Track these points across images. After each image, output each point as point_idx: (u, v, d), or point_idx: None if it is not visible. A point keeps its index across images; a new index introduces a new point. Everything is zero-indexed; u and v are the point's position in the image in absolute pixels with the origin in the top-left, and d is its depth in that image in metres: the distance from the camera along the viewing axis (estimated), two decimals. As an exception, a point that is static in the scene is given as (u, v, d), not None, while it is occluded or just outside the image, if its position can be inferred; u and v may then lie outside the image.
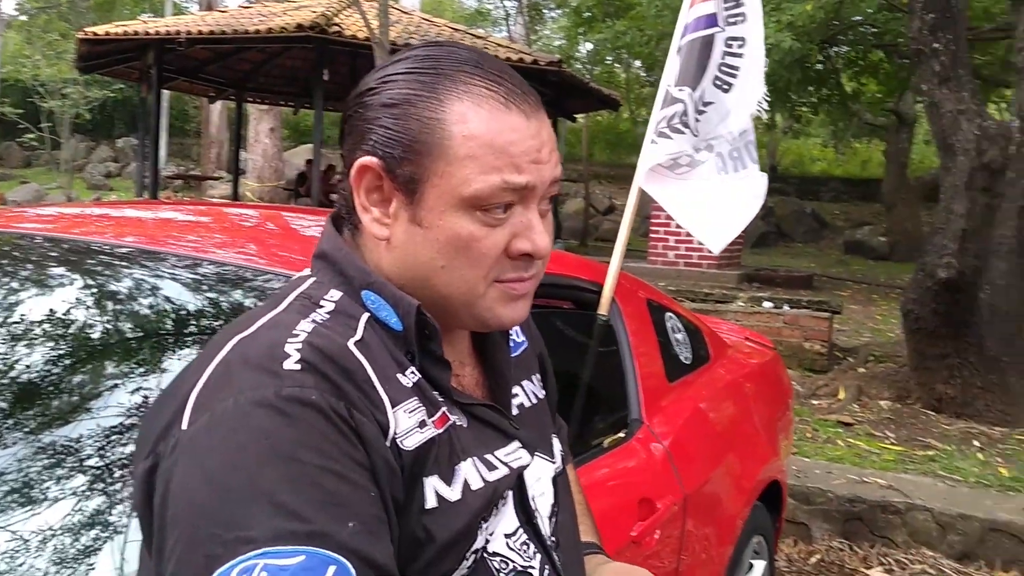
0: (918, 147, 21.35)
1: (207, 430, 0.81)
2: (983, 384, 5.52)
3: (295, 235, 2.38)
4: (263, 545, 0.75)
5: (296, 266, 1.88)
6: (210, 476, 0.78)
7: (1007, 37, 13.84)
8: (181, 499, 0.79)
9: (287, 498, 0.77)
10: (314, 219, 2.71)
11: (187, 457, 0.81)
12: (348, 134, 0.95)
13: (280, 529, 0.75)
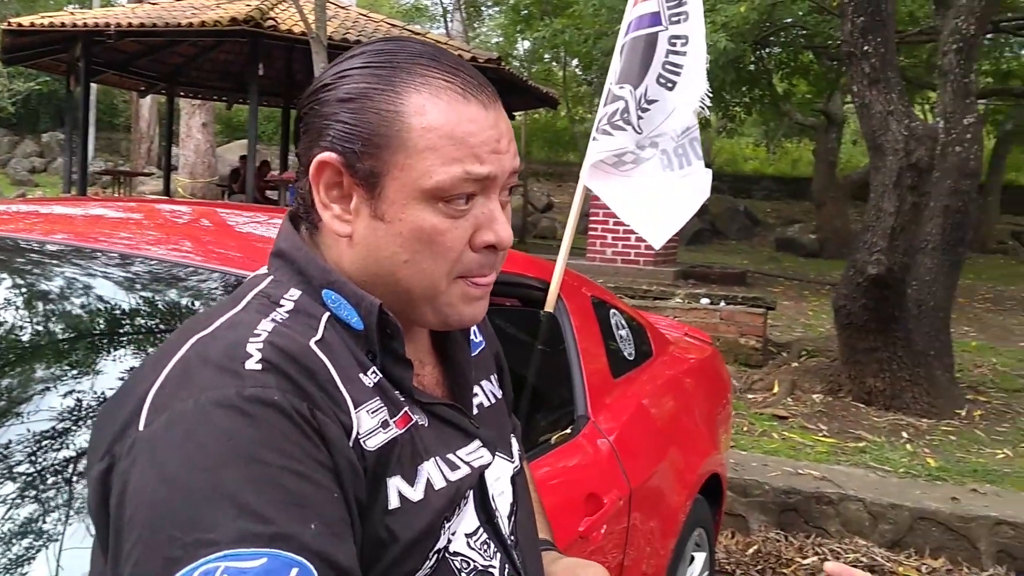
0: (846, 147, 21.93)
1: (166, 430, 0.79)
2: (911, 377, 5.69)
3: (231, 231, 2.33)
4: (225, 547, 0.73)
5: (234, 263, 1.85)
6: (170, 477, 0.76)
7: (931, 41, 14.31)
8: (139, 501, 0.77)
9: (250, 499, 0.75)
10: (250, 215, 2.66)
11: (145, 458, 0.79)
12: (304, 131, 0.93)
13: (242, 531, 0.74)
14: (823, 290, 11.99)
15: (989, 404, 6.11)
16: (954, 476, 4.52)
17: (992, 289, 13.57)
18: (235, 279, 1.73)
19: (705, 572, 3.09)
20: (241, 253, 2.05)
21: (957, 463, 4.75)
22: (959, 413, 5.74)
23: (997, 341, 9.04)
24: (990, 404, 6.11)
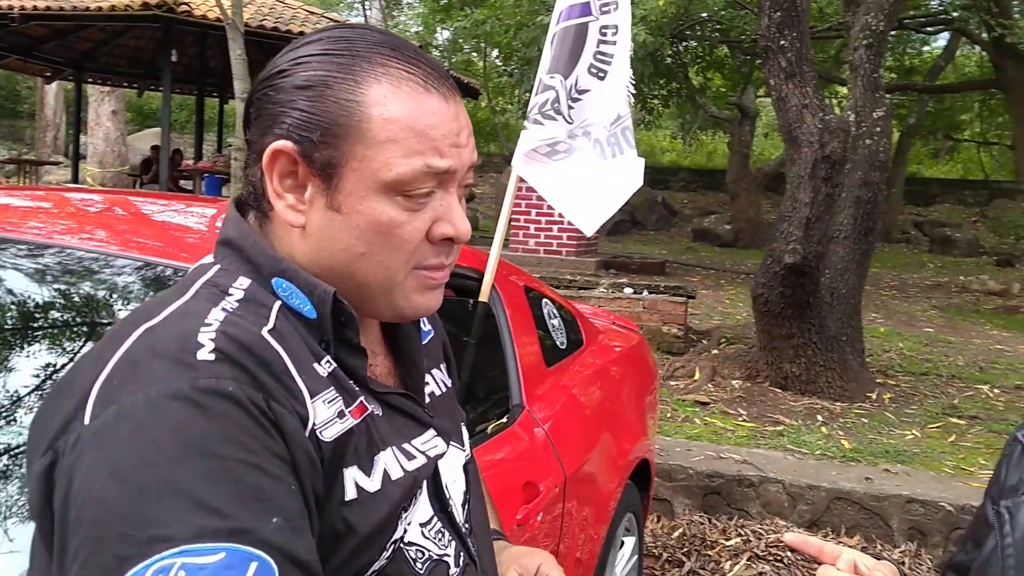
0: (758, 140, 22.54)
1: (115, 424, 0.76)
2: (824, 362, 5.89)
3: (147, 220, 2.28)
4: (181, 543, 0.71)
5: (152, 252, 1.80)
6: (121, 473, 0.74)
7: (839, 37, 14.80)
8: (86, 498, 0.74)
9: (206, 494, 0.73)
10: (164, 204, 2.59)
11: (92, 453, 0.76)
12: (256, 117, 0.91)
13: (200, 526, 0.72)
14: (739, 279, 12.32)
15: (898, 387, 6.37)
16: (867, 457, 4.70)
17: (897, 277, 14.15)
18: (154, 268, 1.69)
19: (634, 556, 3.15)
20: (161, 242, 2.00)
21: (869, 444, 4.94)
22: (870, 396, 5.98)
23: (903, 327, 9.44)
24: (898, 387, 6.38)
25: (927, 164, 25.24)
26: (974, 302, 12.12)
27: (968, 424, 5.56)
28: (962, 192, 21.75)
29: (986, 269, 15.37)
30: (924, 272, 15.05)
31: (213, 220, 2.48)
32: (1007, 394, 6.47)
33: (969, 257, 16.97)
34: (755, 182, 17.28)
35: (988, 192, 21.16)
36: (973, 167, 24.45)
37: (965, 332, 9.44)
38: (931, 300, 12.01)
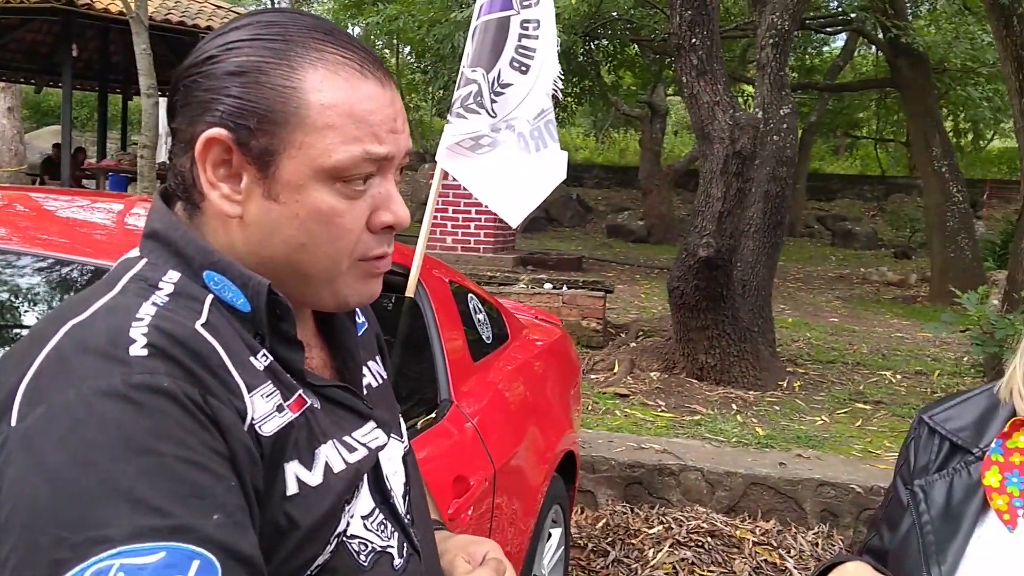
0: (669, 137, 22.98)
1: (45, 424, 0.74)
2: (738, 353, 6.05)
3: (51, 216, 2.20)
4: (120, 544, 0.69)
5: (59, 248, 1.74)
6: (53, 475, 0.72)
7: (744, 36, 15.22)
8: (17, 502, 0.72)
9: (145, 492, 0.72)
10: (68, 200, 2.50)
11: (22, 455, 0.73)
12: (184, 105, 0.88)
13: (138, 526, 0.70)
14: (653, 274, 12.55)
15: (807, 375, 6.60)
16: (780, 443, 4.85)
17: (802, 270, 14.65)
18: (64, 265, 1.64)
19: (561, 547, 3.18)
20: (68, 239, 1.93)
21: (782, 431, 5.10)
22: (781, 385, 6.17)
23: (810, 317, 9.77)
24: (807, 375, 6.61)
25: (828, 161, 26.18)
26: (875, 293, 12.64)
27: (873, 409, 5.79)
28: (861, 187, 22.65)
29: (885, 261, 16.06)
30: (827, 265, 15.63)
31: (121, 216, 2.41)
32: (908, 379, 6.77)
33: (869, 250, 17.70)
34: (666, 179, 17.63)
35: (885, 187, 22.09)
36: (871, 163, 25.47)
37: (867, 321, 9.83)
38: (835, 291, 12.48)
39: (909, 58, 12.54)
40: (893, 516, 1.16)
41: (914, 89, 12.73)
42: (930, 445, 1.14)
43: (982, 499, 1.04)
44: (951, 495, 1.07)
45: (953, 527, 1.05)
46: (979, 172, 22.59)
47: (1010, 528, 1.01)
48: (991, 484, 1.03)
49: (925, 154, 12.43)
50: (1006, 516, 1.01)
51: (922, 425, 1.16)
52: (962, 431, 1.11)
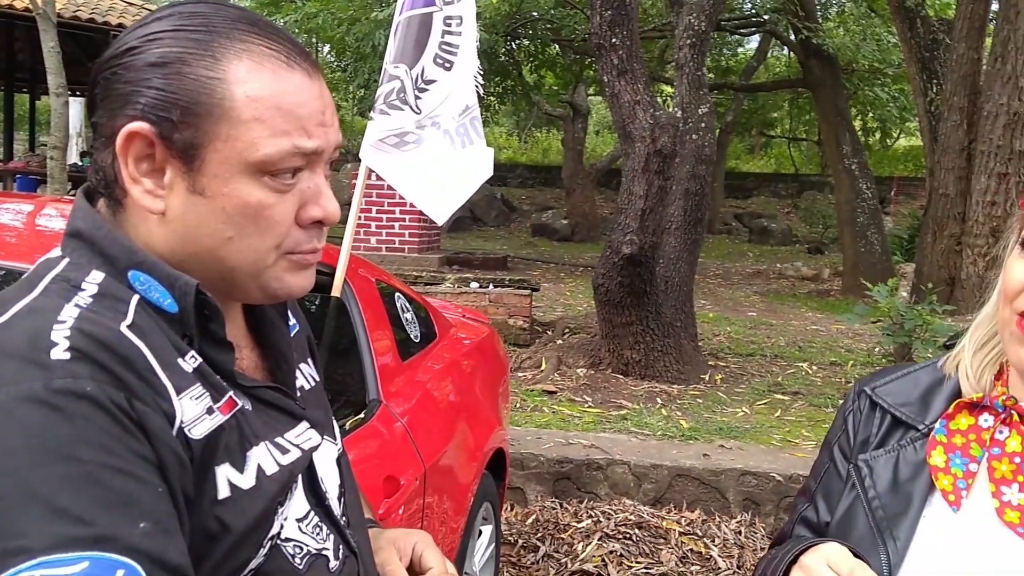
0: (591, 137, 23.23)
1: None
2: (662, 348, 6.16)
3: None
4: (40, 554, 0.68)
5: None
6: None
7: (662, 37, 15.50)
8: None
9: (67, 501, 0.70)
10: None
11: None
12: (104, 99, 0.85)
13: (59, 535, 0.69)
14: (577, 272, 12.68)
15: (728, 368, 6.76)
16: (703, 435, 4.96)
17: (721, 266, 14.99)
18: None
19: (492, 544, 3.19)
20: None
21: (705, 423, 5.22)
22: (704, 378, 6.30)
23: (729, 312, 10.01)
24: (728, 368, 6.76)
25: (744, 159, 26.83)
26: (790, 287, 13.02)
27: (791, 399, 5.96)
28: (776, 185, 23.28)
29: (799, 256, 16.55)
30: (745, 261, 16.03)
31: (32, 217, 2.32)
32: (824, 370, 6.99)
33: (784, 246, 18.21)
34: (589, 178, 17.83)
35: (799, 185, 22.74)
36: (785, 161, 26.20)
37: (784, 315, 10.12)
38: (753, 286, 12.81)
39: (820, 59, 12.95)
40: (831, 488, 1.16)
41: (825, 89, 13.15)
42: (872, 419, 1.13)
43: (928, 478, 1.05)
44: (897, 472, 1.08)
45: (903, 504, 1.05)
46: (887, 169, 23.46)
47: (954, 509, 1.02)
48: (937, 464, 1.04)
49: (836, 152, 12.85)
50: (951, 497, 1.02)
51: (863, 397, 1.16)
52: (906, 406, 1.11)
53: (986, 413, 1.05)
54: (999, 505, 1.00)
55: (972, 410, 1.06)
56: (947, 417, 1.07)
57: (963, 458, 1.04)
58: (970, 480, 1.03)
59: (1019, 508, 0.99)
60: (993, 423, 1.04)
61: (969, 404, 1.06)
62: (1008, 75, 9.48)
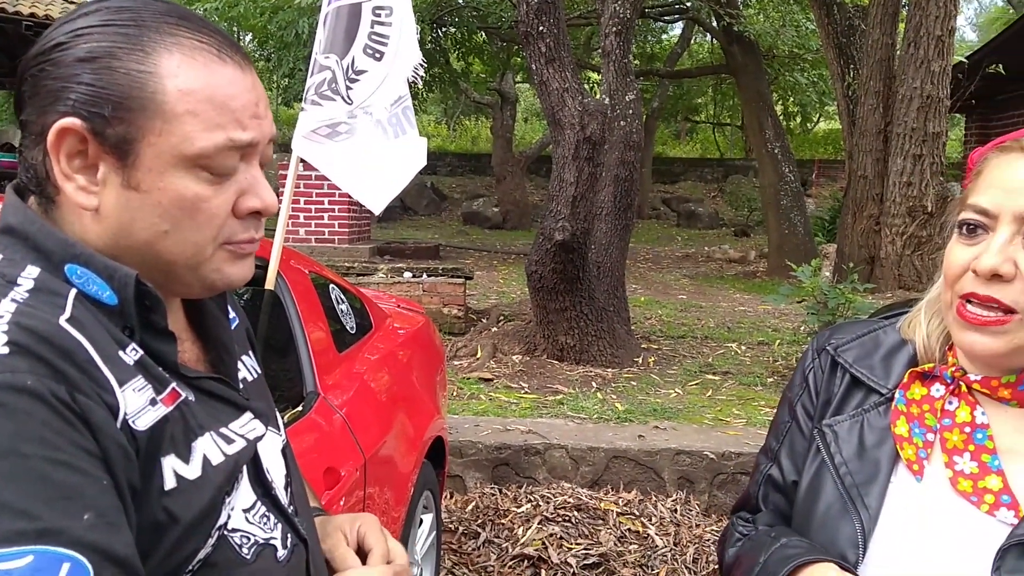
0: (519, 124, 23.29)
1: None
2: (596, 332, 6.24)
3: None
4: None
5: None
6: None
7: (587, 24, 15.59)
8: None
9: (9, 496, 0.70)
10: None
11: None
12: (32, 96, 0.84)
13: (3, 530, 0.68)
14: (510, 259, 12.72)
15: (660, 351, 6.87)
16: (638, 416, 5.05)
17: (651, 250, 15.21)
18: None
19: (433, 532, 3.20)
20: None
21: (640, 405, 5.31)
22: (637, 361, 6.40)
23: (660, 295, 10.17)
24: (660, 351, 6.88)
25: (671, 145, 27.24)
26: (718, 269, 13.29)
27: (722, 379, 6.10)
28: (702, 170, 23.71)
29: (726, 239, 16.90)
30: (674, 245, 16.30)
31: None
32: (752, 350, 7.16)
33: (711, 229, 18.58)
34: (519, 165, 17.89)
35: (724, 169, 23.21)
36: (710, 146, 26.68)
37: (713, 297, 10.33)
38: (682, 270, 13.03)
39: (741, 45, 13.21)
40: (795, 447, 1.16)
41: (747, 75, 13.42)
42: (833, 379, 1.14)
43: (894, 446, 1.06)
44: (863, 438, 1.08)
45: (872, 471, 1.06)
46: (808, 152, 24.08)
47: (918, 478, 1.04)
48: (901, 434, 1.06)
49: (759, 136, 13.14)
50: (915, 467, 1.04)
51: (824, 356, 1.16)
52: (868, 368, 1.12)
53: (937, 383, 1.07)
54: (952, 475, 1.02)
55: (924, 380, 1.08)
56: (903, 387, 1.08)
57: (920, 428, 1.06)
58: (929, 450, 1.04)
59: (971, 477, 1.01)
60: (944, 393, 1.06)
61: (921, 374, 1.08)
62: (921, 60, 9.82)
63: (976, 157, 1.06)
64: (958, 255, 1.02)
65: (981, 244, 0.99)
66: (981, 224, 1.00)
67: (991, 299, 0.98)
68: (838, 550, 1.04)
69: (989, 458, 1.02)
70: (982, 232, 1.00)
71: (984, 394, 1.05)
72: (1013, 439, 1.03)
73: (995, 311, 0.98)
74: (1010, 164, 1.00)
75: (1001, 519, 0.99)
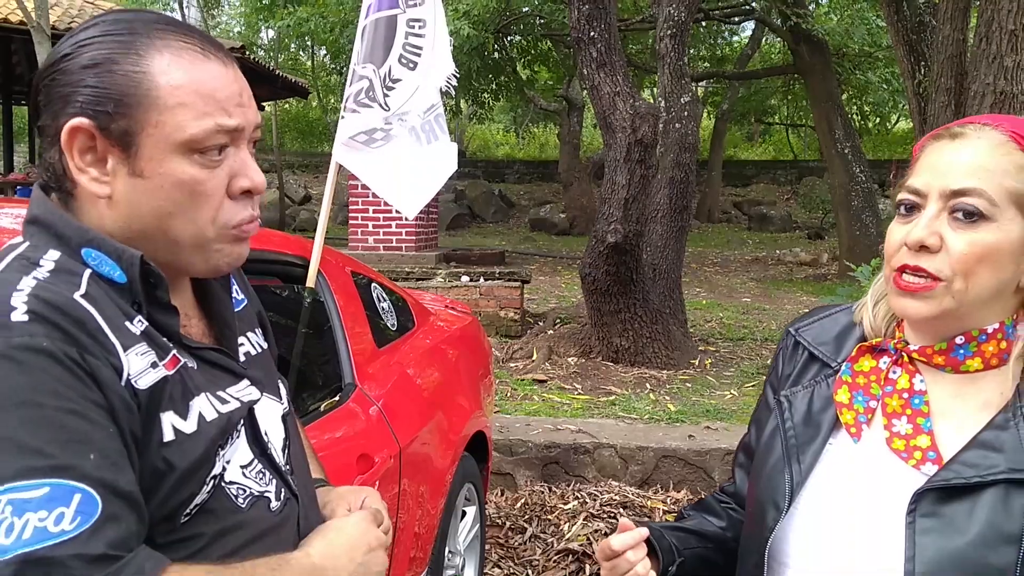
0: (587, 130, 23.29)
1: None
2: (650, 334, 6.27)
3: None
4: (6, 482, 0.80)
5: None
6: None
7: (653, 28, 15.56)
8: None
9: (28, 439, 0.82)
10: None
11: None
12: (46, 104, 0.98)
13: (23, 466, 0.81)
14: (574, 265, 12.74)
15: (718, 353, 6.86)
16: (690, 417, 5.07)
17: (719, 255, 15.06)
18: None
19: (476, 524, 3.30)
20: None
21: (693, 406, 5.33)
22: (693, 363, 6.41)
23: (723, 299, 10.10)
24: (718, 353, 6.87)
25: (742, 147, 26.89)
26: (788, 273, 13.09)
27: (779, 381, 6.06)
28: (775, 172, 23.34)
29: (799, 242, 16.62)
30: (744, 248, 16.09)
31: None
32: (813, 352, 7.07)
33: (784, 232, 18.27)
34: (586, 171, 17.90)
35: (798, 171, 22.79)
36: (783, 148, 26.24)
37: (778, 300, 10.21)
38: (750, 273, 12.89)
39: (809, 45, 13.01)
40: (760, 417, 1.30)
41: (815, 75, 13.21)
42: (794, 356, 1.27)
43: (835, 411, 1.18)
44: (811, 404, 1.21)
45: (812, 432, 1.18)
46: (886, 153, 23.49)
47: (856, 440, 1.15)
48: (841, 400, 1.18)
49: (829, 137, 12.92)
50: (853, 429, 1.15)
51: (789, 336, 1.30)
52: (823, 345, 1.24)
53: (885, 356, 1.17)
54: (888, 435, 1.13)
55: (874, 353, 1.18)
56: (851, 360, 1.19)
57: (864, 396, 1.17)
58: (870, 415, 1.15)
59: (905, 437, 1.12)
60: (889, 364, 1.17)
61: (871, 348, 1.19)
62: (993, 55, 9.52)
63: (917, 148, 1.15)
64: (895, 233, 1.11)
65: (914, 221, 1.09)
66: (914, 203, 1.10)
67: (919, 268, 1.07)
68: (773, 501, 1.17)
69: (923, 421, 1.12)
70: (915, 211, 1.10)
71: (923, 362, 1.14)
72: (947, 403, 1.12)
73: (924, 278, 1.07)
74: (938, 149, 1.10)
75: (925, 472, 1.09)
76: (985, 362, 1.11)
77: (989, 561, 1.02)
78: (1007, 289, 1.09)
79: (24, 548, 0.79)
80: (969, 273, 1.05)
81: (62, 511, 0.81)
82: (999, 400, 1.10)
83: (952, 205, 1.06)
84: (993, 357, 1.11)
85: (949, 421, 1.11)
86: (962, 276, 1.06)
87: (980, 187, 1.05)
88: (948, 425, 1.11)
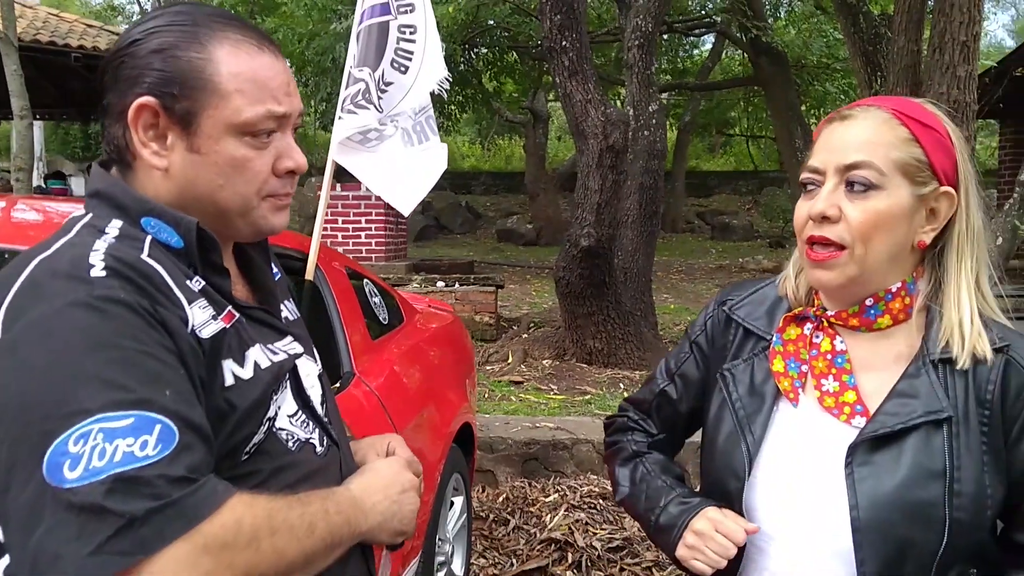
0: (552, 142, 23.53)
1: (26, 332, 0.94)
2: (623, 336, 6.42)
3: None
4: (96, 413, 0.90)
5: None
6: (37, 370, 0.91)
7: (616, 40, 15.82)
8: (9, 395, 0.91)
9: (113, 376, 0.92)
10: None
11: (7, 359, 0.93)
12: (113, 83, 1.09)
13: (110, 399, 0.91)
14: (543, 273, 12.91)
15: (688, 354, 7.01)
16: (664, 414, 5.20)
17: (684, 263, 15.30)
18: None
19: (463, 515, 3.41)
20: None
21: (666, 403, 5.46)
22: (664, 364, 6.56)
23: (691, 304, 10.30)
24: (689, 354, 7.02)
25: (704, 159, 27.26)
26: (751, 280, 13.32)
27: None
28: (736, 183, 23.73)
29: (761, 251, 16.92)
30: (708, 257, 16.36)
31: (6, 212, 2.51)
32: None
33: (746, 241, 18.58)
34: (552, 182, 18.10)
35: (759, 181, 23.18)
36: (744, 159, 26.65)
37: (744, 305, 10.40)
38: (715, 280, 13.12)
39: (769, 56, 13.33)
40: (688, 373, 1.42)
41: (775, 86, 13.53)
42: (728, 331, 1.39)
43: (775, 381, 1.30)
44: (753, 377, 1.31)
45: (759, 403, 1.29)
46: (843, 163, 23.88)
47: (794, 404, 1.27)
48: (778, 370, 1.29)
49: (790, 147, 13.22)
50: (791, 395, 1.27)
51: (720, 311, 1.40)
52: (756, 320, 1.36)
53: (808, 323, 1.30)
54: (820, 395, 1.25)
55: (798, 322, 1.31)
56: (780, 330, 1.31)
57: (796, 362, 1.29)
58: (803, 380, 1.28)
59: (834, 395, 1.25)
60: (812, 330, 1.29)
61: (795, 317, 1.31)
62: (947, 65, 9.82)
63: (816, 133, 1.29)
64: (801, 209, 1.25)
65: (816, 196, 1.22)
66: (815, 181, 1.23)
67: (824, 238, 1.21)
68: (732, 471, 1.28)
69: (847, 378, 1.25)
70: (816, 188, 1.23)
71: (840, 325, 1.27)
72: (866, 359, 1.26)
73: (830, 248, 1.20)
74: (832, 130, 1.24)
75: (856, 425, 1.22)
76: (893, 318, 1.24)
77: (921, 497, 1.15)
78: (903, 250, 1.22)
79: (117, 468, 0.88)
80: (867, 238, 1.18)
81: (146, 439, 0.91)
82: (909, 352, 1.23)
83: (847, 178, 1.19)
84: (900, 312, 1.24)
85: (869, 375, 1.25)
86: (861, 241, 1.18)
87: (869, 159, 1.18)
88: (869, 378, 1.24)
